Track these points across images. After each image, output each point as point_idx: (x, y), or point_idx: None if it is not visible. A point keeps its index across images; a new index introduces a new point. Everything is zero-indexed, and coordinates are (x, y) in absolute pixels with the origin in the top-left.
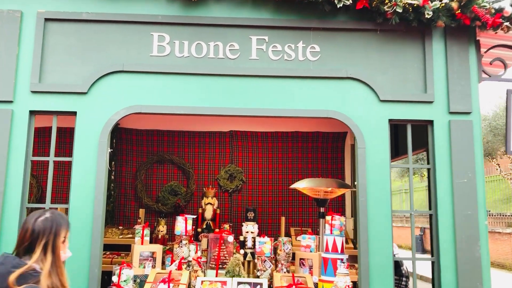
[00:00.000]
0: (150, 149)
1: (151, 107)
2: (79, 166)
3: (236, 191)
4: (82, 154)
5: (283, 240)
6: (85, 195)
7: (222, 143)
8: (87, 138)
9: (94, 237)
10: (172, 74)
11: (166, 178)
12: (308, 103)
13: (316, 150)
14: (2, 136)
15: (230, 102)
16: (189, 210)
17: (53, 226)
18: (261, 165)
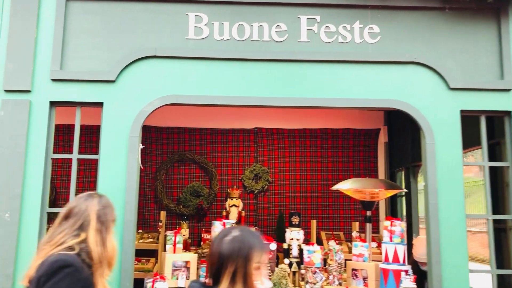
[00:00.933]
0: (171, 147)
1: (187, 97)
2: (107, 165)
3: (262, 192)
4: (110, 151)
5: (335, 249)
6: (114, 198)
7: (246, 141)
8: (116, 133)
9: (125, 246)
10: (210, 60)
11: (187, 179)
12: (366, 91)
13: (347, 148)
14: (20, 130)
15: (275, 91)
16: (212, 212)
17: (243, 248)
18: (288, 164)
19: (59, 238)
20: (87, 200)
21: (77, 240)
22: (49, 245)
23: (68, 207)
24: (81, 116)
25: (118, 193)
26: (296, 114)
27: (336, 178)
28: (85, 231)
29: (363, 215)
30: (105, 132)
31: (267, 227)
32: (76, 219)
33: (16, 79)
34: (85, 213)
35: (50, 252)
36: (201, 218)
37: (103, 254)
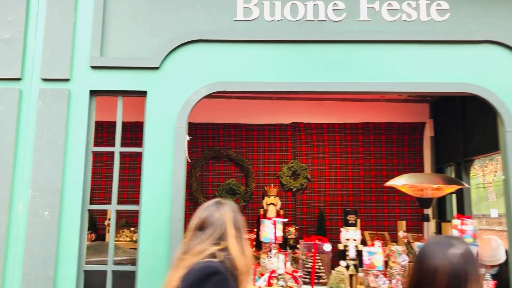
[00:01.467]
0: (205, 144)
1: (236, 84)
2: (152, 158)
3: (301, 190)
4: (155, 144)
5: (398, 251)
6: (160, 194)
7: (283, 137)
8: (161, 124)
9: (173, 247)
10: (261, 43)
11: (223, 176)
12: (434, 74)
13: (391, 143)
14: (59, 122)
15: (332, 76)
16: (249, 211)
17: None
18: (327, 160)
19: (200, 248)
20: (219, 208)
21: (218, 247)
22: (190, 255)
23: (199, 218)
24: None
25: (164, 189)
26: (335, 108)
27: (379, 174)
28: (225, 240)
29: (408, 214)
30: (149, 123)
31: (307, 227)
32: (213, 229)
33: (54, 67)
34: (221, 221)
35: (194, 261)
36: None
37: (245, 262)
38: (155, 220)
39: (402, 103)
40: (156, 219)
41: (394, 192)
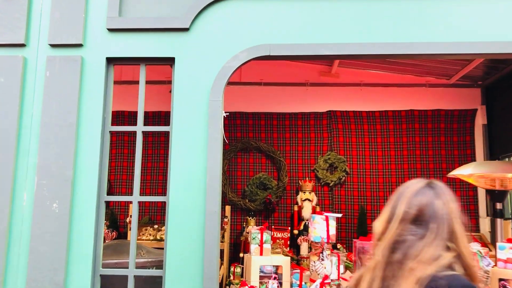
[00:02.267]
0: (233, 135)
1: (284, 46)
2: (181, 139)
3: (339, 185)
4: (185, 121)
5: (480, 253)
6: (191, 183)
7: (319, 126)
8: (192, 98)
9: (209, 246)
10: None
11: (252, 169)
12: None
13: (438, 133)
14: (70, 96)
15: (400, 35)
16: (282, 207)
17: None
18: (368, 152)
19: (431, 253)
20: (439, 193)
21: (451, 254)
22: (418, 262)
23: (415, 206)
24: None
25: (197, 176)
26: (375, 94)
27: (426, 167)
28: (454, 242)
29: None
30: (177, 96)
31: (346, 225)
32: (438, 224)
33: (65, 31)
34: (446, 214)
35: (428, 272)
36: (269, 213)
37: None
38: (185, 214)
39: (450, 88)
40: (187, 213)
41: None
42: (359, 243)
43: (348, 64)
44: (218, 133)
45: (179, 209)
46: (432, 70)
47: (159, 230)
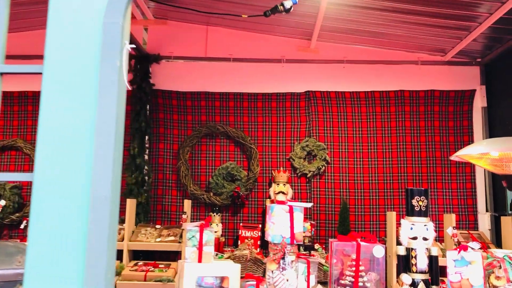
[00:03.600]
0: (197, 118)
1: None
2: (58, 83)
3: (318, 175)
4: (65, 55)
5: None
6: (69, 153)
7: (296, 109)
8: (76, 19)
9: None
10: None
11: (219, 158)
12: None
13: (431, 117)
14: None
15: None
16: (252, 202)
17: None
18: (351, 138)
19: None
20: None
21: None
22: None
23: None
24: None
25: (78, 141)
26: (361, 72)
27: (418, 156)
28: None
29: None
30: (54, 19)
31: (326, 222)
32: None
33: None
34: None
35: None
36: (237, 209)
37: None
38: (59, 200)
39: (445, 66)
40: (62, 198)
41: (437, 178)
42: (337, 243)
43: (330, 38)
44: (115, 74)
45: (49, 191)
46: (425, 45)
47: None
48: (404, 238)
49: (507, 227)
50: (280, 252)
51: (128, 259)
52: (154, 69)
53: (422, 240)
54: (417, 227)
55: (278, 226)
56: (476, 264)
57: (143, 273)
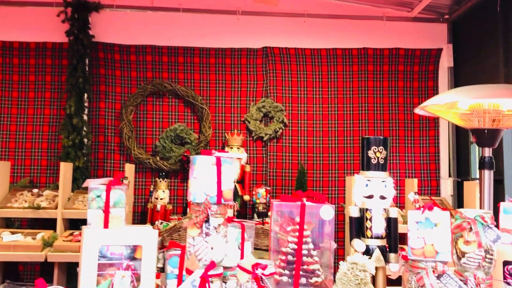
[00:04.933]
0: (142, 74)
1: None
2: None
3: (275, 139)
4: None
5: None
6: None
7: (252, 66)
8: None
9: None
10: None
11: (167, 119)
12: None
13: (396, 77)
14: None
15: None
16: None
17: None
18: (311, 99)
19: None
20: None
21: None
22: None
23: None
24: None
25: None
26: (323, 27)
27: (380, 118)
28: None
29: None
30: None
31: (282, 188)
32: None
33: None
34: None
35: None
36: (186, 175)
37: None
38: None
39: (411, 23)
40: None
41: (399, 142)
42: (278, 204)
43: None
44: None
45: None
46: None
47: (40, 195)
48: (357, 197)
49: (470, 192)
50: (203, 213)
51: (63, 229)
52: (94, 19)
53: (379, 199)
54: (373, 184)
55: (201, 182)
56: (442, 226)
57: (78, 243)
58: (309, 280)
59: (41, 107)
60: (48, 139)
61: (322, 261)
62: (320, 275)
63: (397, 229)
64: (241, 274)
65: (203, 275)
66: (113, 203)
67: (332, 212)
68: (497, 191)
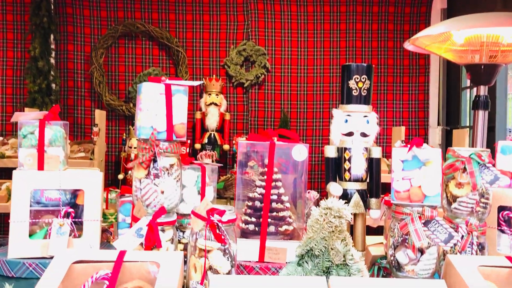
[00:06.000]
0: (113, 14)
1: None
2: None
3: (256, 85)
4: None
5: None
6: None
7: (232, 6)
8: None
9: None
10: None
11: (140, 63)
12: None
13: (386, 19)
14: None
15: None
16: None
17: None
18: (295, 42)
19: None
20: None
21: None
22: None
23: None
24: None
25: None
26: None
27: (368, 63)
28: None
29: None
30: None
31: None
32: None
33: None
34: None
35: None
36: None
37: None
38: None
39: None
40: None
41: (387, 89)
42: (244, 143)
43: None
44: None
45: None
46: None
47: (5, 143)
48: (335, 135)
49: (459, 140)
50: (149, 151)
51: None
52: None
53: (360, 137)
54: (354, 119)
55: (147, 114)
56: (432, 165)
57: None
58: (278, 228)
59: (3, 49)
60: (12, 84)
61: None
62: (292, 222)
63: (380, 171)
64: (195, 222)
65: (150, 223)
66: (49, 141)
67: (306, 152)
68: (488, 139)
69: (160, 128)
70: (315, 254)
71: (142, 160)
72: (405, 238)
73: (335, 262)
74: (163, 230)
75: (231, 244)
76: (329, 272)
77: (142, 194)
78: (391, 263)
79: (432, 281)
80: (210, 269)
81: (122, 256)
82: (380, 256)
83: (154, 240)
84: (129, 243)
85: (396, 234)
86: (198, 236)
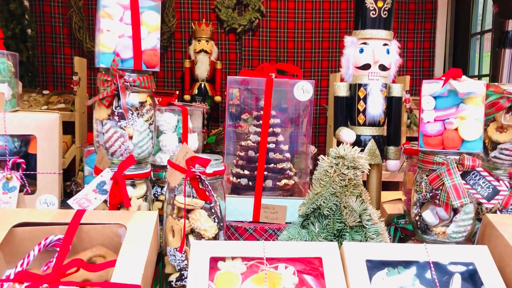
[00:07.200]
0: None
1: None
2: None
3: (250, 31)
4: None
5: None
6: None
7: None
8: None
9: None
10: None
11: None
12: None
13: None
14: None
15: None
16: (168, 62)
17: None
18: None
19: None
20: None
21: None
22: None
23: None
24: None
25: None
26: None
27: None
28: None
29: (409, 68)
30: None
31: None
32: None
33: None
34: None
35: None
36: None
37: None
38: None
39: None
40: None
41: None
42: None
43: None
44: None
45: None
46: None
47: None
48: (347, 70)
49: None
50: (111, 84)
51: None
52: None
53: (379, 70)
54: (371, 48)
55: (109, 37)
56: (474, 103)
57: None
58: (276, 182)
59: None
60: None
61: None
62: (292, 176)
63: (401, 114)
64: (172, 174)
65: (115, 175)
66: None
67: (311, 90)
68: None
69: (125, 55)
70: (324, 213)
71: (102, 95)
72: (436, 193)
73: (349, 224)
74: (134, 185)
75: (219, 202)
76: (341, 236)
77: (105, 139)
78: (415, 224)
79: (473, 247)
80: (192, 233)
81: (80, 217)
82: (397, 215)
83: (120, 197)
84: (89, 200)
85: (424, 189)
86: (176, 192)
